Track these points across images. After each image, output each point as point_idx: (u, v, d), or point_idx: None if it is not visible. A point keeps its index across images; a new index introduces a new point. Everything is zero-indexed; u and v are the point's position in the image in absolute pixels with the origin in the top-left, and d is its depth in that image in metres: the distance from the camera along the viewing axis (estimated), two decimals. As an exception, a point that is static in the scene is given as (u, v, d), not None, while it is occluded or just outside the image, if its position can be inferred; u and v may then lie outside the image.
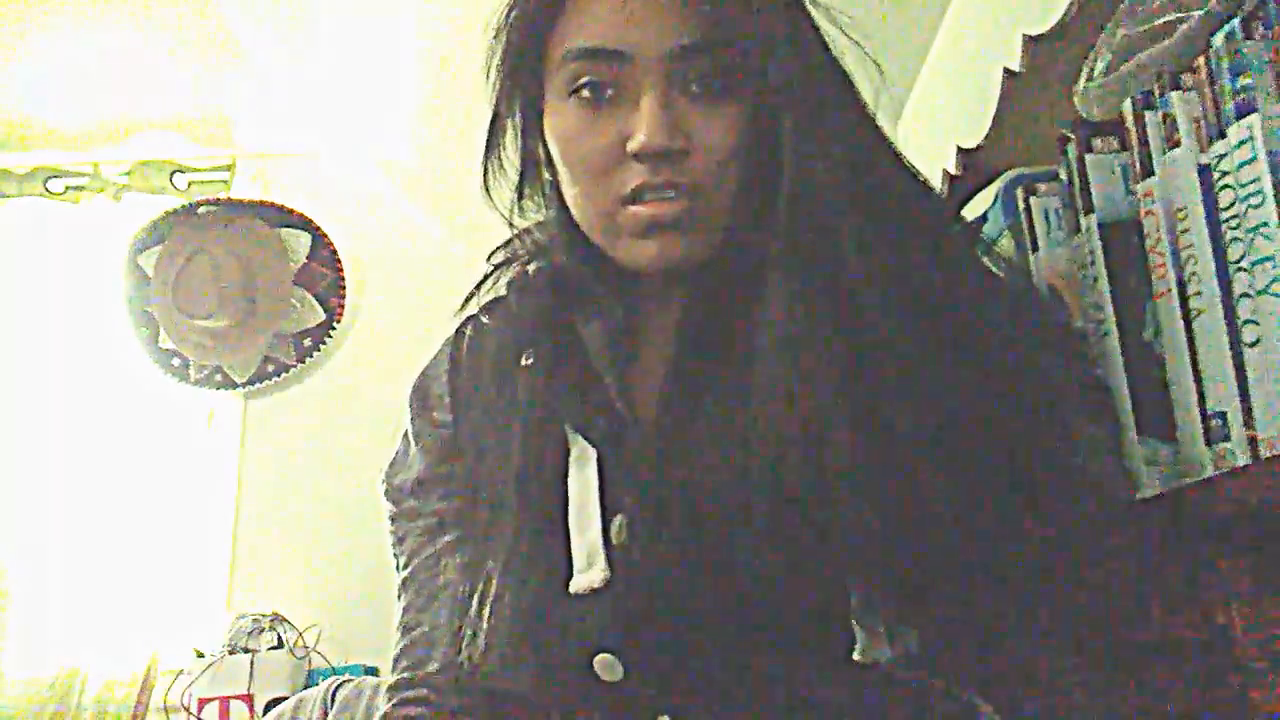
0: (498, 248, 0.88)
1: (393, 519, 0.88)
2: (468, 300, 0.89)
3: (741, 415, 0.69)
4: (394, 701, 0.82)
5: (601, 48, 0.72)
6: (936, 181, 1.42)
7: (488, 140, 0.82)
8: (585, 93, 0.74)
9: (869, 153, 0.74)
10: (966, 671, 0.71)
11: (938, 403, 0.66)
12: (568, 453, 0.76)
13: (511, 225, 0.85)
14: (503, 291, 0.87)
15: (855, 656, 0.67)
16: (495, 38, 0.79)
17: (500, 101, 0.81)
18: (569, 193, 0.78)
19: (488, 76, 0.80)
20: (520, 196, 0.84)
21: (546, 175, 0.82)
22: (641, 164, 0.72)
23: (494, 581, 0.76)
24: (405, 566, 0.86)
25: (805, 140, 0.70)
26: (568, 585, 0.71)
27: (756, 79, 0.72)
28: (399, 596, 0.86)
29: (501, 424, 0.81)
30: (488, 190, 0.83)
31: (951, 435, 0.65)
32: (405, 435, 0.90)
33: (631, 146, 0.72)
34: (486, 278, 0.88)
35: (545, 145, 0.79)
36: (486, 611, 0.77)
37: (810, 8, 0.76)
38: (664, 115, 0.71)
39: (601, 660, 0.69)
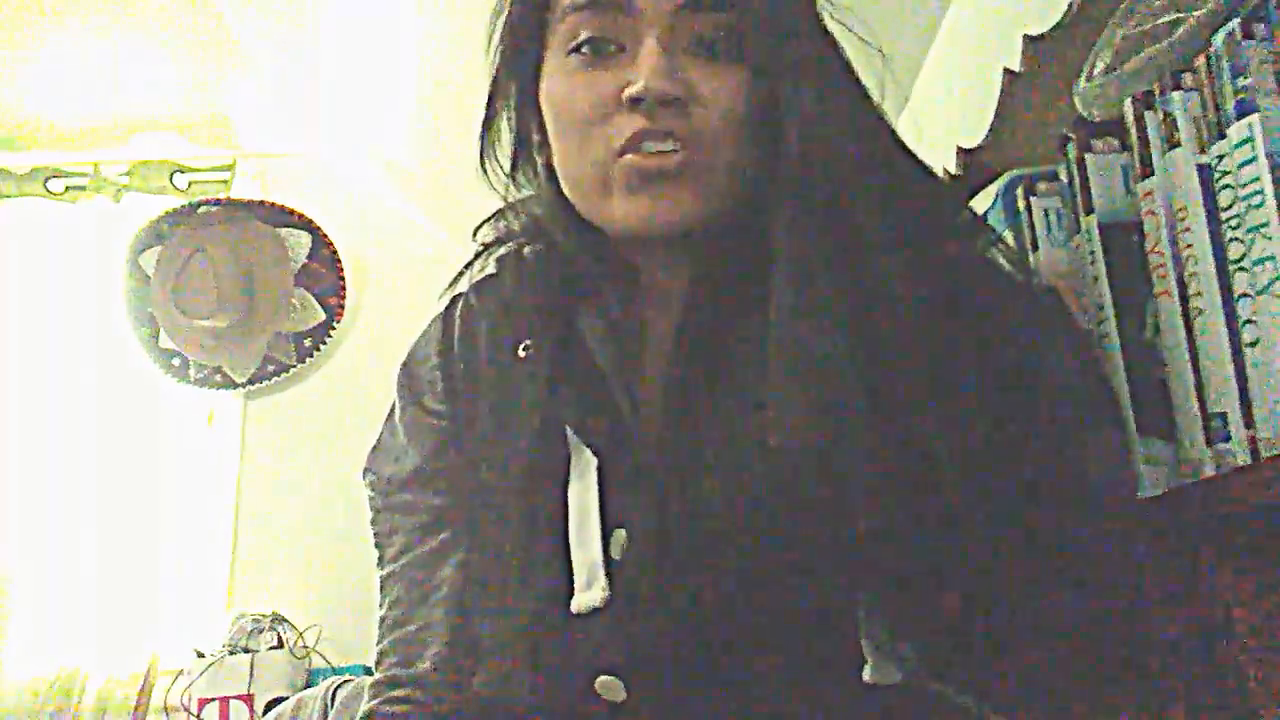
0: (483, 222, 0.84)
1: (380, 510, 0.84)
2: (457, 279, 0.85)
3: (750, 421, 0.66)
4: (380, 699, 0.78)
5: None
6: (936, 181, 1.41)
7: (485, 115, 0.80)
8: (585, 49, 0.72)
9: (873, 130, 0.71)
10: (976, 682, 0.69)
11: (955, 405, 0.63)
12: (568, 459, 0.72)
13: (506, 202, 0.82)
14: (493, 270, 0.84)
15: (865, 679, 0.64)
16: (496, 10, 0.78)
17: (499, 71, 0.79)
18: (560, 155, 0.75)
19: (487, 49, 0.78)
20: (514, 169, 0.81)
21: (537, 157, 0.79)
22: (639, 112, 0.69)
23: (492, 592, 0.74)
24: (394, 561, 0.82)
25: (808, 107, 0.68)
26: (568, 602, 0.68)
27: (757, 45, 0.70)
28: (383, 590, 0.82)
29: (500, 420, 0.78)
30: (484, 167, 0.80)
31: (971, 440, 0.62)
32: (391, 420, 0.85)
33: (630, 91, 0.69)
34: (477, 257, 0.84)
35: (539, 121, 0.77)
36: (484, 624, 0.74)
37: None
38: (665, 62, 0.69)
39: (604, 681, 0.67)
